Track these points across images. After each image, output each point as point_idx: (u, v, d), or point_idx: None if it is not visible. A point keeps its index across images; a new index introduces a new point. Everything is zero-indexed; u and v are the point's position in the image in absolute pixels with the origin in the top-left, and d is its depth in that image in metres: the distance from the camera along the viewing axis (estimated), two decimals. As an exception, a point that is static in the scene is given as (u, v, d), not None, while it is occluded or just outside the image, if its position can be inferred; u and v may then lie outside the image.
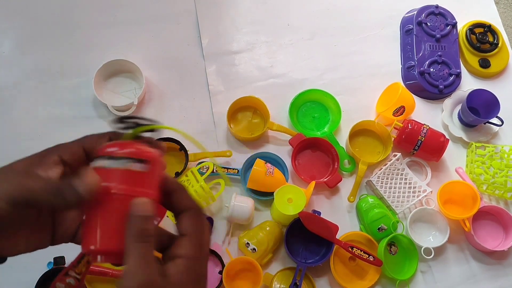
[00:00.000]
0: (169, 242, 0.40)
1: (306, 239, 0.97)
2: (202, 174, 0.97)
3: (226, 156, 1.03)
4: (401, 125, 1.04)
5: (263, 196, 1.00)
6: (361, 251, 0.93)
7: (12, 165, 0.39)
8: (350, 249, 0.93)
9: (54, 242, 0.42)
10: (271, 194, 0.96)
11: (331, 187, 1.02)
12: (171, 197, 0.41)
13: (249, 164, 1.02)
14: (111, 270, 0.91)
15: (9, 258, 1.05)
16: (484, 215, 1.03)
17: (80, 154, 0.41)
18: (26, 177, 0.37)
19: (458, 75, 1.14)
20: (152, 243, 0.37)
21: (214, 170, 1.00)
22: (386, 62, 1.18)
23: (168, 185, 0.41)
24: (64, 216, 0.42)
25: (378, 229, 0.96)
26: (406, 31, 1.19)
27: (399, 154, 1.03)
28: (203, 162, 1.01)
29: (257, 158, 0.99)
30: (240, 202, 0.96)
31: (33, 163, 0.39)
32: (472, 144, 1.08)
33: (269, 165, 0.98)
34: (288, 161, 1.04)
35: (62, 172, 0.40)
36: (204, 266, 0.40)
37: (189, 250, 0.39)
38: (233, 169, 1.02)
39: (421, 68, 1.12)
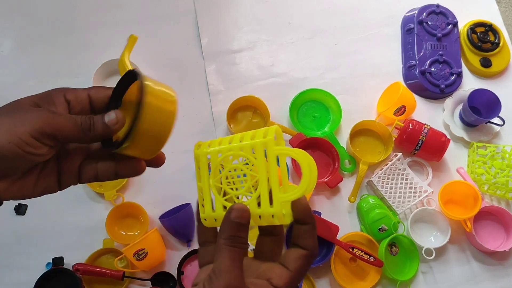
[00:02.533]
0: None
1: (306, 240, 0.96)
2: None
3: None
4: (402, 125, 1.04)
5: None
6: (361, 251, 0.92)
7: (20, 101, 0.40)
8: (350, 250, 0.92)
9: (61, 186, 0.43)
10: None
11: (332, 187, 1.02)
12: (298, 225, 0.41)
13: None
14: (110, 271, 0.91)
15: (9, 258, 1.05)
16: (486, 216, 1.02)
17: (84, 100, 0.43)
18: (51, 114, 0.39)
19: (459, 75, 1.13)
20: (243, 250, 0.38)
21: None
22: (387, 62, 1.17)
23: (302, 214, 0.40)
24: (68, 159, 0.43)
25: (379, 229, 0.96)
26: (407, 30, 1.18)
27: (400, 154, 1.03)
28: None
29: None
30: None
31: (42, 101, 0.40)
32: (474, 144, 1.07)
33: None
34: (288, 161, 1.03)
35: (68, 112, 0.42)
36: None
37: (285, 280, 0.40)
38: None
39: (422, 68, 1.12)
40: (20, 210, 0.98)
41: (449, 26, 1.17)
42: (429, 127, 1.04)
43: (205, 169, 0.43)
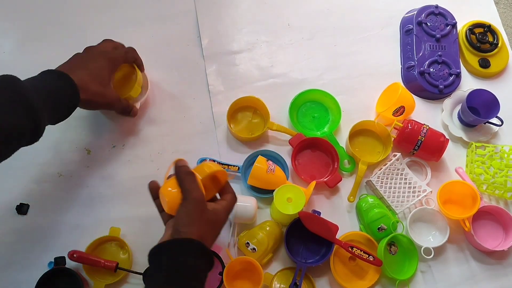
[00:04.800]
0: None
1: (306, 239, 0.97)
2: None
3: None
4: (401, 125, 1.04)
5: (264, 194, 1.00)
6: (361, 251, 0.93)
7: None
8: (350, 249, 0.93)
9: None
10: (272, 191, 0.96)
11: (331, 187, 1.02)
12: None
13: (250, 161, 1.02)
14: (104, 261, 0.91)
15: (11, 258, 1.05)
16: (484, 215, 1.03)
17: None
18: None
19: (458, 75, 1.14)
20: (195, 176, 0.75)
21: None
22: (386, 62, 1.18)
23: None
24: None
25: (378, 229, 0.97)
26: (406, 31, 1.19)
27: (399, 154, 1.03)
28: (204, 159, 1.02)
29: (259, 155, 0.99)
30: (243, 202, 0.96)
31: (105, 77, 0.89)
32: (472, 144, 1.08)
33: (270, 162, 0.98)
34: (288, 161, 1.04)
35: None
36: (223, 215, 0.78)
37: (222, 204, 0.78)
38: (234, 166, 1.02)
39: (421, 68, 1.12)
40: (22, 209, 0.99)
41: (448, 27, 1.17)
42: (428, 127, 1.04)
43: None
